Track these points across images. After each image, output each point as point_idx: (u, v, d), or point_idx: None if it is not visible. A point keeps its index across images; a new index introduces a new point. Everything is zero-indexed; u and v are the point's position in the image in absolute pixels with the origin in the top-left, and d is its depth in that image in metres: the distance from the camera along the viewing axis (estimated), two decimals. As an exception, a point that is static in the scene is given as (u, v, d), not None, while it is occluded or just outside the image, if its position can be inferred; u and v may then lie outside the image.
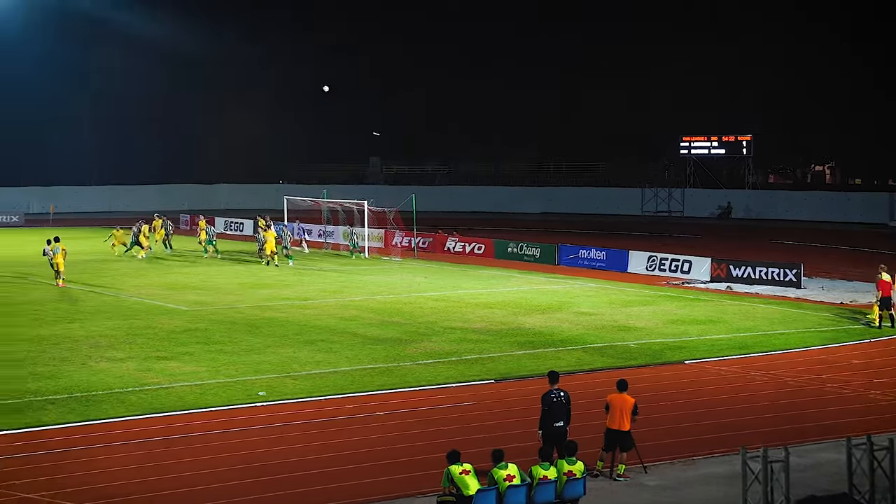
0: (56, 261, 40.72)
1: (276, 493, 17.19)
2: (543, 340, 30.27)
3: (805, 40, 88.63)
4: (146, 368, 25.81)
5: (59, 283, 40.61)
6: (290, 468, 18.37)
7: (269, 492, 17.25)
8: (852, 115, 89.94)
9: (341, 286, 41.82)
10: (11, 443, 19.66)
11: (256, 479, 17.75)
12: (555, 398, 17.98)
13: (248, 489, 17.30)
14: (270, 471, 18.22)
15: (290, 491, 17.32)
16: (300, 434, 20.53)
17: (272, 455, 19.07)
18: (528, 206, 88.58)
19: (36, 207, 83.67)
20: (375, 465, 18.63)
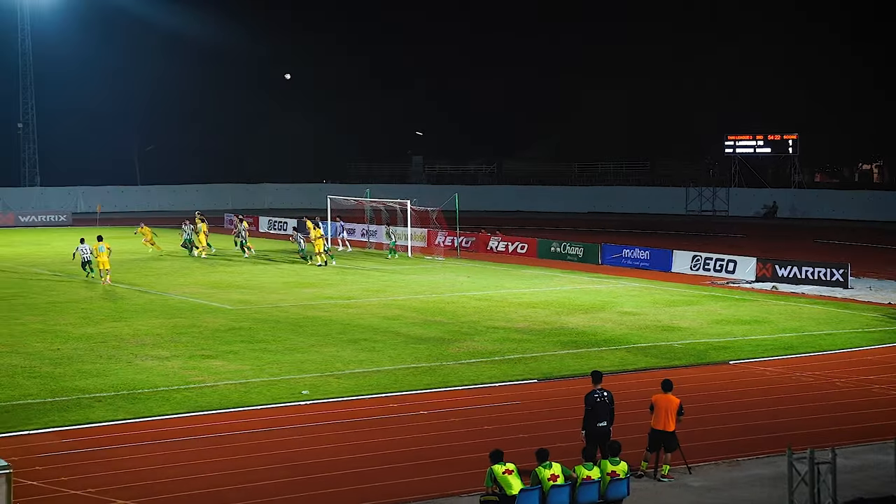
0: (101, 259, 41.15)
1: (323, 492, 17.26)
2: (587, 340, 30.16)
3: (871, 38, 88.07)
4: (191, 367, 26.00)
5: (105, 281, 41.04)
6: (335, 466, 18.43)
7: (316, 489, 17.31)
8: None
9: (384, 285, 41.91)
10: (60, 440, 19.88)
11: (302, 478, 17.83)
12: (598, 398, 17.91)
13: (293, 487, 17.39)
14: (316, 469, 18.29)
15: (337, 489, 17.37)
16: (344, 433, 20.58)
17: (316, 453, 19.15)
18: (572, 206, 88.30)
19: (83, 207, 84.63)
20: (418, 464, 18.65)
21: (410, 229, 55.55)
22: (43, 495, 16.66)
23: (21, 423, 20.83)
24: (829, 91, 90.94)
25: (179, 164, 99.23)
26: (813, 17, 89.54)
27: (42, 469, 17.88)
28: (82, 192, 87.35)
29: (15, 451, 18.49)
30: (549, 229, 67.92)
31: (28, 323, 32.05)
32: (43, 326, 31.43)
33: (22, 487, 16.24)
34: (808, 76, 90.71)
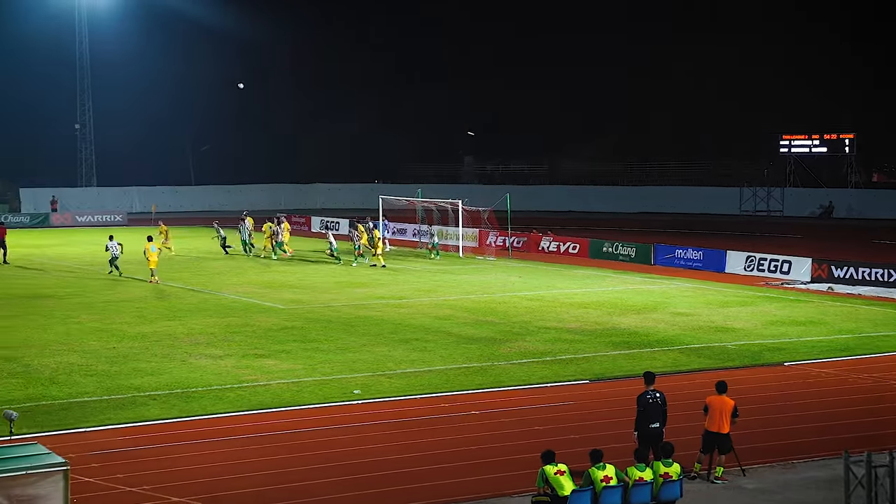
0: (150, 259, 41.62)
1: (374, 491, 17.30)
2: (639, 341, 29.98)
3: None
4: (244, 366, 26.19)
5: (153, 280, 41.53)
6: (386, 466, 18.47)
7: (367, 489, 17.37)
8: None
9: (435, 285, 41.95)
10: (115, 437, 20.11)
11: (353, 477, 17.89)
12: (650, 399, 17.80)
13: (345, 486, 17.45)
14: (367, 468, 18.34)
15: (388, 489, 17.41)
16: (395, 433, 20.63)
17: (368, 453, 19.20)
18: (624, 206, 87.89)
19: (138, 207, 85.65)
20: (469, 464, 18.64)
21: (462, 229, 55.57)
22: (99, 492, 16.86)
23: (78, 420, 21.10)
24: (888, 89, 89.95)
25: (233, 164, 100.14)
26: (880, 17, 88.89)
27: (98, 466, 18.10)
28: (137, 192, 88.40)
29: (72, 448, 18.73)
30: (601, 229, 67.60)
31: (85, 322, 32.47)
32: (99, 325, 31.84)
33: (79, 484, 16.45)
34: (872, 73, 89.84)
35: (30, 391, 23.33)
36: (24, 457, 13.63)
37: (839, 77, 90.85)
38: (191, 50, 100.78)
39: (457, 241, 55.54)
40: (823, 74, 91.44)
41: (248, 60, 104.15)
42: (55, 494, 13.21)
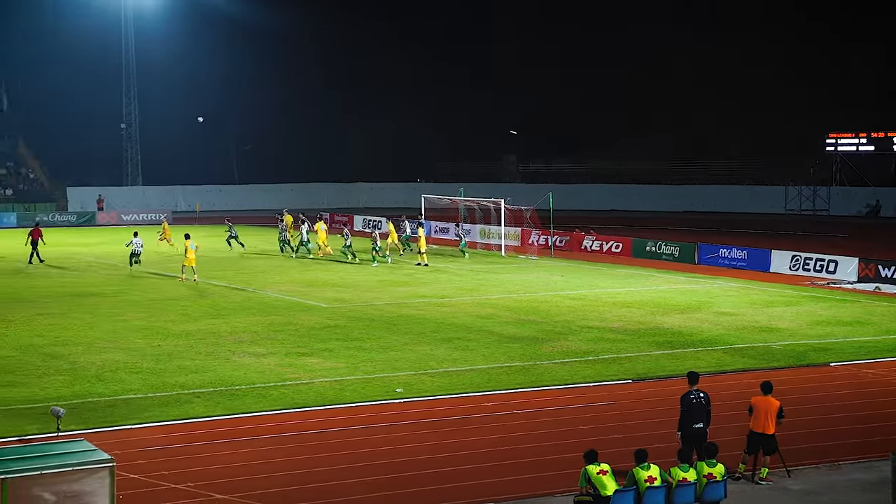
0: (188, 257, 41.96)
1: (414, 490, 17.34)
2: (682, 341, 29.81)
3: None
4: (287, 364, 26.32)
5: (193, 279, 41.89)
6: (429, 464, 18.51)
7: (409, 487, 17.41)
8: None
9: (477, 284, 41.94)
10: (161, 434, 20.29)
11: (396, 475, 17.94)
12: (694, 399, 17.69)
13: (388, 485, 17.50)
14: (409, 467, 18.38)
15: (430, 487, 17.44)
16: (437, 431, 20.66)
17: (410, 451, 19.25)
18: (668, 205, 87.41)
19: (183, 205, 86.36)
20: (512, 463, 18.63)
21: (504, 228, 55.53)
22: (145, 488, 17.02)
23: (124, 417, 21.31)
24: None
25: (276, 164, 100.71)
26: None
27: (144, 463, 18.27)
28: (182, 191, 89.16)
29: (118, 444, 18.92)
30: (644, 228, 67.27)
31: (130, 320, 32.78)
32: (145, 323, 32.13)
33: (125, 480, 16.61)
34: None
35: (76, 388, 23.59)
36: (71, 453, 13.79)
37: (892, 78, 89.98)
38: (234, 49, 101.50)
39: (499, 240, 55.51)
40: (876, 74, 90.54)
41: (290, 59, 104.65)
42: (101, 491, 13.34)
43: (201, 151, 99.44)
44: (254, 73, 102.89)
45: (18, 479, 12.85)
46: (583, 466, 15.47)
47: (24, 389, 23.38)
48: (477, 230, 59.30)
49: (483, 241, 57.80)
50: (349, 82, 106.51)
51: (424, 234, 50.39)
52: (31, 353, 27.43)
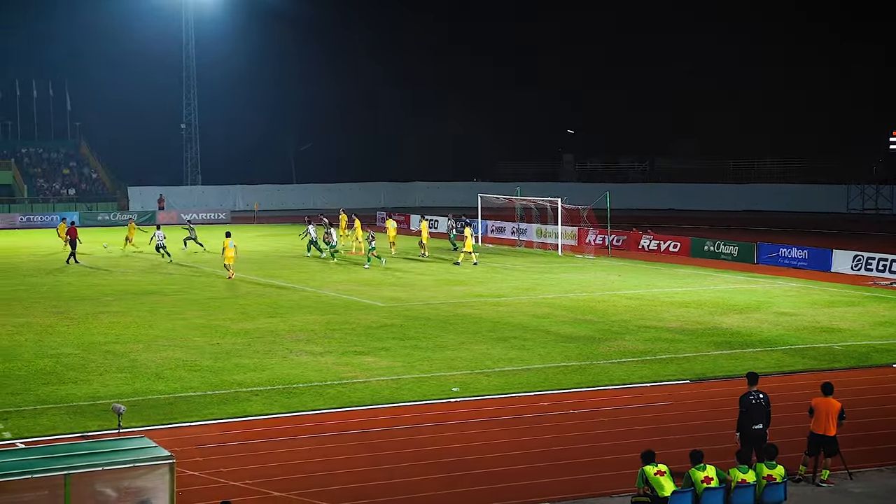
0: (227, 254, 42.42)
1: (471, 489, 17.32)
2: (741, 341, 29.50)
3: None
4: (344, 363, 26.43)
5: (231, 275, 42.38)
6: (484, 464, 18.49)
7: (464, 486, 17.40)
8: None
9: (534, 283, 41.83)
10: (219, 432, 20.46)
11: (451, 474, 17.94)
12: (753, 400, 17.50)
13: (443, 484, 17.51)
14: (465, 466, 18.38)
15: (486, 486, 17.42)
16: (493, 431, 20.63)
17: (465, 451, 19.24)
18: (726, 204, 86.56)
19: (241, 205, 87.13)
20: (568, 463, 18.56)
21: (561, 227, 55.35)
22: (203, 485, 17.17)
23: (183, 415, 21.52)
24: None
25: (334, 163, 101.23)
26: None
27: (203, 460, 18.44)
28: (241, 190, 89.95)
29: (178, 441, 19.11)
30: (703, 228, 66.71)
31: (190, 318, 33.12)
32: (203, 321, 32.44)
33: (184, 477, 16.77)
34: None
35: (137, 386, 23.87)
36: (131, 450, 13.94)
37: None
38: (294, 49, 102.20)
39: (555, 240, 55.34)
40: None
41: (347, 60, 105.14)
42: (162, 487, 13.47)
43: (260, 151, 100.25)
44: (313, 72, 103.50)
45: (80, 474, 13.02)
46: (640, 467, 15.37)
47: (85, 386, 23.72)
48: (533, 229, 59.18)
49: (539, 241, 57.66)
50: (410, 83, 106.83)
51: (472, 232, 50.44)
52: (92, 350, 27.81)
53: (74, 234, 49.74)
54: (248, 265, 47.85)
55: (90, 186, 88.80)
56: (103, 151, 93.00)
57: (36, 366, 25.81)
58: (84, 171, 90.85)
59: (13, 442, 19.25)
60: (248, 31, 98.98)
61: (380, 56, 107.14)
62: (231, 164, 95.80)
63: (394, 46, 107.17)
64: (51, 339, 29.27)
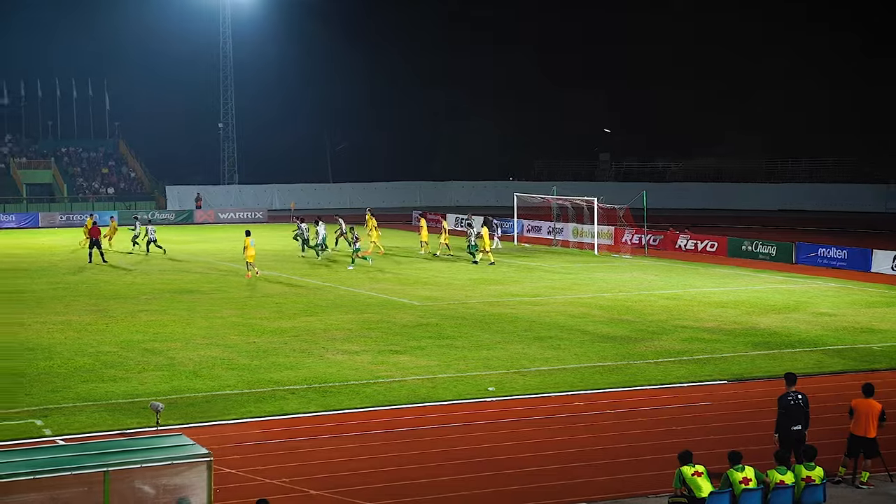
0: (248, 253, 42.65)
1: (506, 488, 17.31)
2: (779, 341, 29.28)
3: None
4: (380, 362, 26.47)
5: (251, 274, 42.79)
6: (519, 463, 18.46)
7: (500, 486, 17.39)
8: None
9: (570, 283, 41.73)
10: (255, 430, 20.56)
11: (486, 473, 17.93)
12: (792, 401, 17.37)
13: (477, 483, 17.50)
14: (500, 465, 18.36)
15: (520, 486, 17.39)
16: (528, 430, 20.60)
17: (501, 450, 19.22)
18: (765, 203, 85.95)
19: (277, 204, 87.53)
20: (604, 463, 18.50)
21: (597, 227, 55.17)
22: (240, 483, 17.25)
23: (220, 413, 21.64)
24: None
25: (370, 162, 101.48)
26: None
27: (239, 458, 18.53)
28: (277, 189, 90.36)
29: (215, 439, 19.22)
30: (740, 227, 66.27)
31: (227, 316, 33.30)
32: (240, 320, 32.61)
33: (221, 475, 16.86)
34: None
35: (174, 384, 24.03)
36: (169, 447, 14.04)
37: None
38: (331, 49, 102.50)
39: (592, 239, 55.17)
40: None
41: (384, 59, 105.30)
42: (199, 484, 13.55)
43: (296, 150, 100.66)
44: (349, 71, 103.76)
45: (120, 471, 13.12)
46: (677, 467, 15.29)
47: (124, 384, 23.91)
48: (570, 229, 59.03)
49: (576, 240, 57.52)
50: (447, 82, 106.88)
51: (491, 232, 50.48)
52: (131, 348, 28.04)
53: (97, 234, 50.10)
54: (284, 264, 48.06)
55: (129, 185, 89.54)
56: (142, 151, 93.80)
57: (75, 363, 26.05)
58: (123, 171, 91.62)
59: (53, 439, 19.45)
60: (284, 31, 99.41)
61: (417, 55, 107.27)
62: (268, 163, 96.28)
63: (431, 45, 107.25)
64: (90, 338, 29.53)
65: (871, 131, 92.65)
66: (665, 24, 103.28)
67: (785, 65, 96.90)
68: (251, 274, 42.86)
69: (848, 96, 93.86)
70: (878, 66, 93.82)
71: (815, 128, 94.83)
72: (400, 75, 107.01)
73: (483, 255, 48.27)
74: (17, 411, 21.54)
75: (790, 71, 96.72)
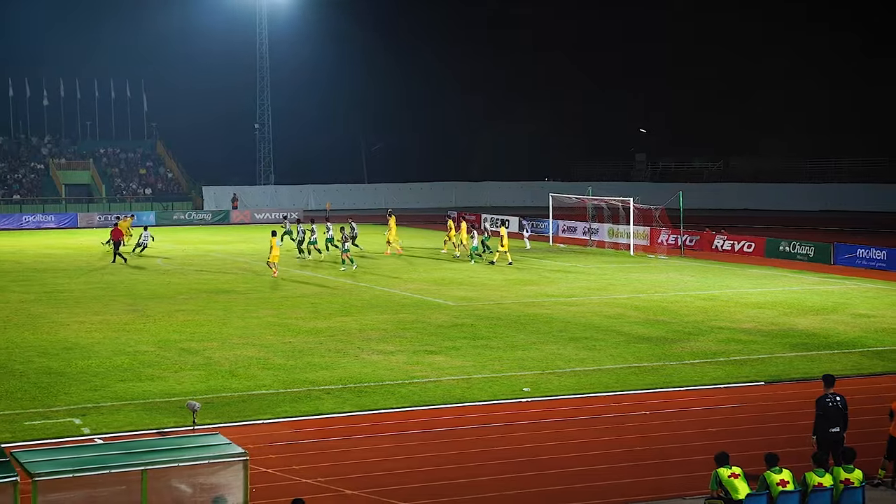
0: (273, 253, 42.82)
1: (541, 489, 17.28)
2: (817, 342, 29.03)
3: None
4: (415, 362, 26.49)
5: (274, 273, 43.07)
6: (554, 464, 18.42)
7: (535, 486, 17.36)
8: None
9: (606, 283, 41.59)
10: (291, 429, 20.64)
11: (521, 474, 17.90)
12: (830, 403, 17.21)
13: (513, 483, 17.47)
14: (534, 466, 18.33)
15: (556, 487, 17.36)
16: (564, 431, 20.55)
17: (536, 451, 19.18)
18: (801, 204, 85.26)
19: (313, 204, 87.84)
20: (639, 464, 18.41)
21: (633, 227, 54.96)
22: (276, 482, 17.32)
23: (256, 412, 21.74)
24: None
25: (405, 163, 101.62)
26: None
27: (275, 457, 18.61)
28: (313, 189, 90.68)
29: (251, 439, 19.31)
30: (778, 228, 65.79)
31: (263, 316, 33.45)
32: (276, 320, 32.75)
33: (257, 474, 16.94)
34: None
35: (211, 383, 24.16)
36: (206, 446, 14.11)
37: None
38: (367, 49, 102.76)
39: (627, 240, 54.97)
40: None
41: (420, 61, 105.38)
42: (236, 483, 13.62)
43: (332, 151, 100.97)
44: (384, 72, 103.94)
45: (157, 470, 13.21)
46: (713, 469, 15.19)
47: (161, 383, 24.08)
48: (605, 229, 58.84)
49: (611, 241, 57.33)
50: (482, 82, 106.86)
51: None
52: (168, 348, 28.23)
53: (118, 235, 50.51)
54: (319, 264, 48.23)
55: (166, 186, 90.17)
56: (179, 151, 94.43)
57: (113, 363, 26.26)
58: (160, 171, 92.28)
59: (92, 437, 19.61)
60: (320, 32, 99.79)
61: (452, 55, 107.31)
62: (303, 163, 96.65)
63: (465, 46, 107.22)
64: (128, 337, 29.76)
65: (870, 131, 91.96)
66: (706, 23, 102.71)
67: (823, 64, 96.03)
68: (276, 273, 43.10)
69: (893, 94, 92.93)
70: (878, 66, 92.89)
71: (854, 127, 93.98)
72: (435, 76, 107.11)
73: (501, 254, 48.15)
74: (56, 410, 21.75)
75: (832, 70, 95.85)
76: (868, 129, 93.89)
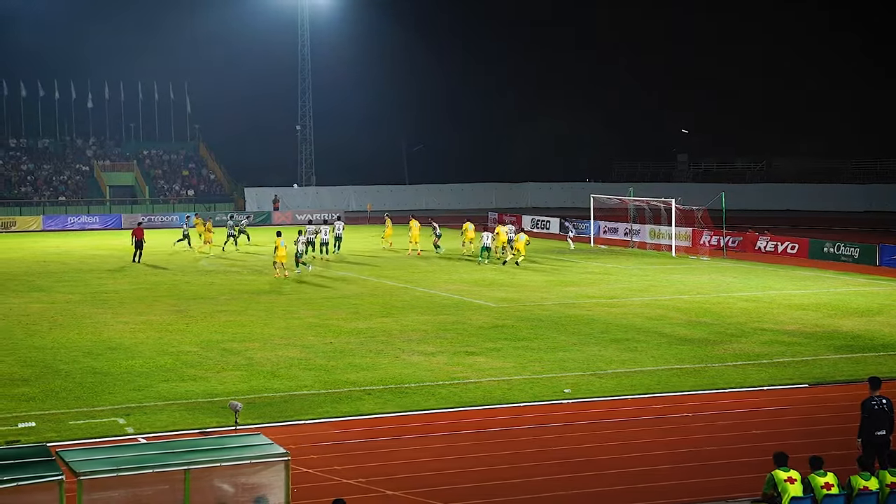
0: (279, 253, 43.09)
1: (583, 491, 17.22)
2: (862, 345, 28.72)
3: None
4: (455, 363, 26.49)
5: (284, 275, 43.27)
6: (596, 466, 18.35)
7: (577, 488, 17.30)
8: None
9: (647, 285, 41.38)
10: (333, 430, 20.71)
11: (563, 476, 17.85)
12: (876, 405, 17.01)
13: (555, 485, 17.43)
14: (576, 468, 18.27)
15: (598, 489, 17.30)
16: (605, 433, 20.47)
17: (578, 452, 19.12)
18: (846, 205, 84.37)
19: (354, 206, 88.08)
20: (682, 466, 18.31)
21: (675, 228, 54.66)
22: (317, 482, 17.39)
23: (298, 412, 21.83)
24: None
25: (446, 164, 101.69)
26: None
27: (317, 457, 18.68)
28: (353, 191, 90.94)
29: (293, 439, 19.40)
30: (822, 229, 65.18)
31: (304, 317, 33.59)
32: (317, 321, 32.87)
33: (299, 474, 17.00)
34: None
35: (253, 384, 24.30)
36: (248, 446, 14.19)
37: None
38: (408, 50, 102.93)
39: (669, 241, 54.67)
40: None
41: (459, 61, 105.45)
42: (277, 483, 13.68)
43: (372, 152, 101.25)
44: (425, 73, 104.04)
45: (200, 469, 13.30)
46: (771, 469, 14.96)
47: (203, 383, 24.24)
48: (646, 230, 58.56)
49: (653, 242, 57.04)
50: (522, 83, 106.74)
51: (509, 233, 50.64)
52: (210, 348, 28.42)
53: (141, 235, 50.84)
54: (360, 265, 48.38)
55: (208, 187, 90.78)
56: (221, 153, 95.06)
57: (156, 363, 26.48)
58: (202, 173, 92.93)
59: (135, 437, 19.79)
60: (361, 33, 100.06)
61: (492, 56, 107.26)
62: (344, 164, 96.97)
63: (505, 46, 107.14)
64: (171, 337, 29.99)
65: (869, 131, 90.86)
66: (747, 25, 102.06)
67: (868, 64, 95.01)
68: (279, 274, 43.23)
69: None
70: (878, 66, 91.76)
71: (868, 127, 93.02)
72: (474, 76, 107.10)
73: (511, 255, 48.09)
74: (101, 409, 21.97)
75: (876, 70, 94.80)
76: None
